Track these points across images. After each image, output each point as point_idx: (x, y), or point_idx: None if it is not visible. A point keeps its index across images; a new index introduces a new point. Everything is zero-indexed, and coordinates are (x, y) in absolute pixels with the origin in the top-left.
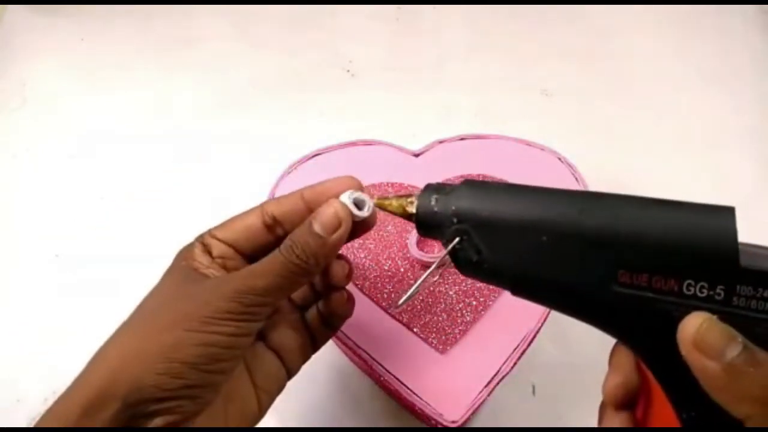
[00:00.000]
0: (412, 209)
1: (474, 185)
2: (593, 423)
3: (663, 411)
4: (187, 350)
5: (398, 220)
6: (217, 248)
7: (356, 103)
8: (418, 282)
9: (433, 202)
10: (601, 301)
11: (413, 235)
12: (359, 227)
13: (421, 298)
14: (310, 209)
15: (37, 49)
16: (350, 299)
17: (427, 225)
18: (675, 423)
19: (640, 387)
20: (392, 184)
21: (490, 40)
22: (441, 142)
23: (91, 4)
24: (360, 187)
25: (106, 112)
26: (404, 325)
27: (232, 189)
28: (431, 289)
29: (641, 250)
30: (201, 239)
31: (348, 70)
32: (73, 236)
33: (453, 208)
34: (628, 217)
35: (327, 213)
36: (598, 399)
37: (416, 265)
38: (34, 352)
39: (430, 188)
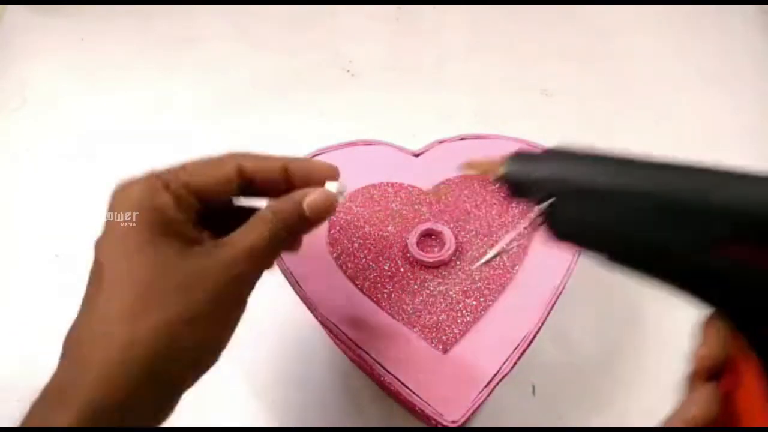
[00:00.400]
0: (502, 170)
1: (569, 151)
2: (593, 423)
3: (752, 387)
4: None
5: (398, 219)
6: (185, 199)
7: (356, 103)
8: (504, 241)
9: (525, 165)
10: (700, 269)
11: (413, 235)
12: None
13: (421, 298)
14: (288, 180)
15: (37, 49)
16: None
17: (519, 186)
18: (762, 399)
19: (727, 361)
20: (392, 184)
21: (490, 40)
22: (441, 142)
23: (91, 4)
24: (338, 175)
25: (106, 112)
26: (404, 324)
27: None
28: (431, 289)
29: (744, 221)
30: (171, 185)
31: (348, 70)
32: (73, 236)
33: (547, 171)
34: (732, 187)
35: (321, 200)
36: (598, 399)
37: (416, 265)
38: (34, 352)
39: (521, 152)
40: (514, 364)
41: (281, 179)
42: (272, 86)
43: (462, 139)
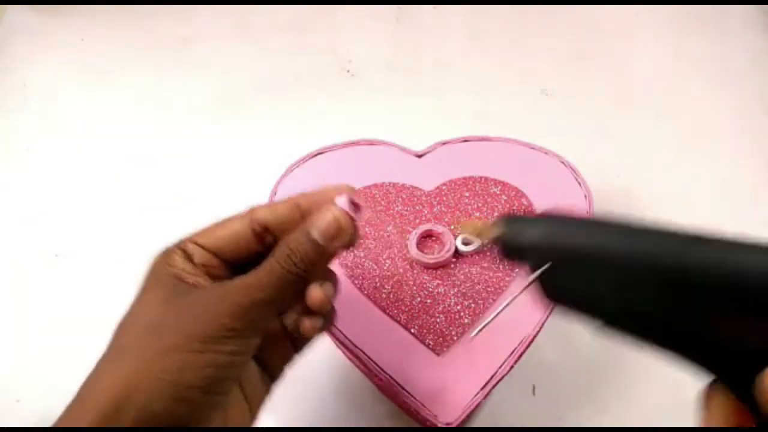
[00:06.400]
0: (496, 232)
1: (563, 216)
2: (593, 423)
3: None
4: (193, 373)
5: (398, 220)
6: (199, 256)
7: (356, 103)
8: (497, 311)
9: (520, 227)
10: (700, 341)
11: (413, 235)
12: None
13: (419, 299)
14: (304, 217)
15: (37, 49)
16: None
17: (514, 248)
18: None
19: None
20: (394, 185)
21: (490, 40)
22: (444, 143)
23: (91, 4)
24: (354, 193)
25: (106, 112)
26: (402, 325)
27: (233, 189)
28: (429, 290)
29: (746, 295)
30: (181, 246)
31: (348, 70)
32: (73, 236)
33: (542, 234)
34: (735, 261)
35: (326, 219)
36: (598, 399)
37: (416, 265)
38: (34, 352)
39: (515, 214)
40: (511, 367)
41: (298, 219)
42: (272, 86)
43: (465, 140)
